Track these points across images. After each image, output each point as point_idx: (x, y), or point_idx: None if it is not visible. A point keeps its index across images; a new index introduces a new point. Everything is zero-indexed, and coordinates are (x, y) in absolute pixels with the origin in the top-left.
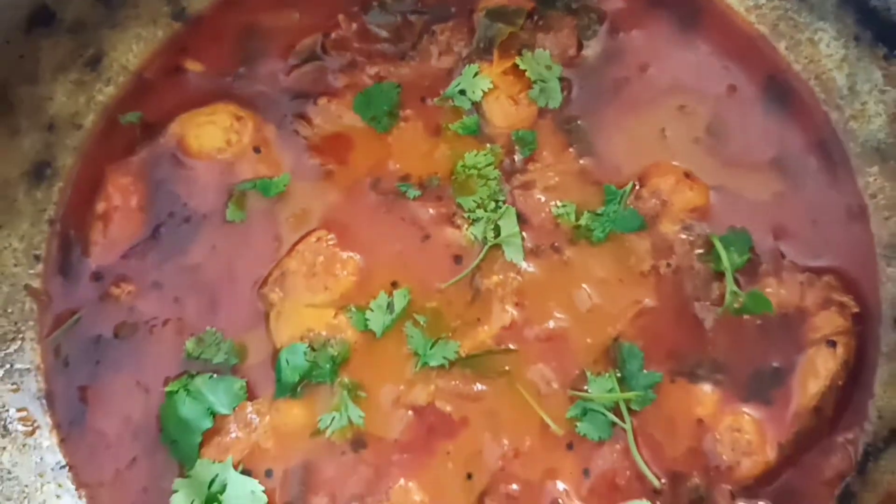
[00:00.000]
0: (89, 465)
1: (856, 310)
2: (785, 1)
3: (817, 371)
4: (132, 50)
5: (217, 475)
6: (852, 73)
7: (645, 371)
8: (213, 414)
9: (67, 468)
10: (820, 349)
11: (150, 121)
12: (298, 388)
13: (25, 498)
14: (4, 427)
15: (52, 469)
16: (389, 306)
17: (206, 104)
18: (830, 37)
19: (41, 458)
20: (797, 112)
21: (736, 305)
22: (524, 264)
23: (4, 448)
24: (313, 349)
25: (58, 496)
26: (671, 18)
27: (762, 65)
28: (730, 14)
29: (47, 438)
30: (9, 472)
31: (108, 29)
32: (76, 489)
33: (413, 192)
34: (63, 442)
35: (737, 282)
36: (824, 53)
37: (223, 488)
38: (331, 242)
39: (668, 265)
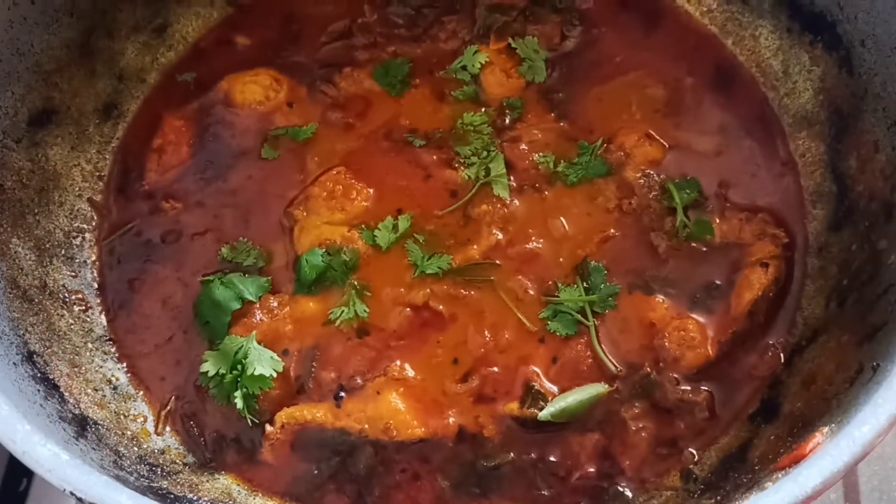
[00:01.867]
0: (132, 339)
1: (786, 240)
2: (732, 5)
3: (752, 285)
4: (192, 24)
5: (242, 346)
6: (785, 59)
7: (607, 284)
8: (242, 299)
9: (112, 341)
10: (755, 269)
11: (203, 80)
12: (314, 287)
13: (76, 356)
14: (63, 301)
15: (100, 339)
16: (394, 227)
17: (251, 69)
18: (768, 31)
19: (91, 329)
20: (741, 93)
21: (685, 234)
22: (509, 199)
23: (62, 316)
24: (329, 254)
25: (102, 361)
26: (638, 19)
27: (712, 57)
28: (686, 16)
29: (97, 316)
30: (65, 334)
31: (175, 4)
32: (118, 359)
33: (419, 142)
34: (111, 322)
35: (686, 216)
36: (763, 45)
37: (247, 355)
38: (348, 176)
39: (630, 203)
